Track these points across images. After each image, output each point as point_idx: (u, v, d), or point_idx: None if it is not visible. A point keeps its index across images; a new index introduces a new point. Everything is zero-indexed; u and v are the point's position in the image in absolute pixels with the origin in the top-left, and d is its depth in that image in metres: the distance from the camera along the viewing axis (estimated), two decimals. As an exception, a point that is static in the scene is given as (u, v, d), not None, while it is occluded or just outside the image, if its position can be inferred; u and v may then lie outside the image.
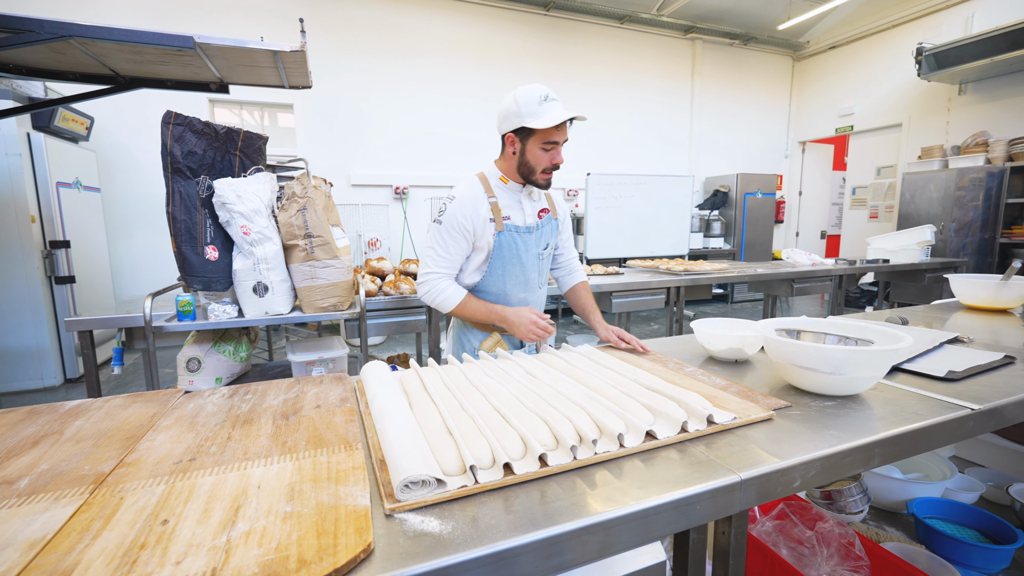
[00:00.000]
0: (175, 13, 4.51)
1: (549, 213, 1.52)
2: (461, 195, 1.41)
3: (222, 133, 1.79)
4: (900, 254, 4.36)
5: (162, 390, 1.07)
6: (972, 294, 1.86)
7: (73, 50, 2.26)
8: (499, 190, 1.44)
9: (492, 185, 1.44)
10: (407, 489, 0.63)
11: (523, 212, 1.45)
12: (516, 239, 1.43)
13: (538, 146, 1.34)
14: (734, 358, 1.23)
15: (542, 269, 1.54)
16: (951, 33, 5.61)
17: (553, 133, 1.32)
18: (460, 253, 1.42)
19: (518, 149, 1.37)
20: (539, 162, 1.36)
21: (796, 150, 7.90)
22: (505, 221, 1.42)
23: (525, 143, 1.35)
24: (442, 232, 1.40)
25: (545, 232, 1.50)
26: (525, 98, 1.29)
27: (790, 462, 0.73)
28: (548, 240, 1.52)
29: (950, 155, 5.59)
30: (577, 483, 0.68)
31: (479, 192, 1.41)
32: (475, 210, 1.39)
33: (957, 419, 0.89)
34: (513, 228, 1.42)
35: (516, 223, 1.44)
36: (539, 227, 1.48)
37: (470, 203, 1.39)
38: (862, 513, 1.42)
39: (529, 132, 1.33)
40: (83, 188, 3.79)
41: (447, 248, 1.40)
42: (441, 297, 1.42)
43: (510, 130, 1.36)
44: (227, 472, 0.69)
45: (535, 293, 1.54)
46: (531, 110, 1.29)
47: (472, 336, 1.54)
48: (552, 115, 1.29)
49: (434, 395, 0.92)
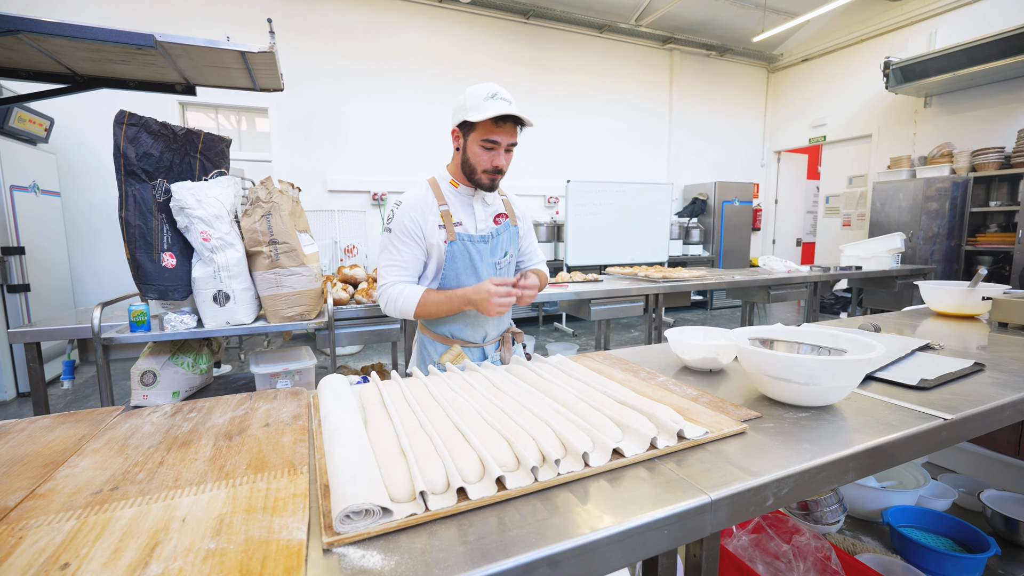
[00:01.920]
0: (149, 15, 4.38)
1: (507, 219, 1.46)
2: (408, 200, 1.36)
3: (180, 135, 1.71)
4: (872, 261, 4.46)
5: (98, 409, 0.98)
6: (941, 300, 1.89)
7: (24, 46, 2.14)
8: (450, 195, 1.39)
9: (443, 190, 1.39)
10: (348, 520, 0.57)
11: (475, 219, 1.40)
12: (469, 248, 1.37)
13: (478, 143, 1.29)
14: (709, 367, 1.20)
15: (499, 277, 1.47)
16: (916, 48, 5.82)
17: (494, 131, 1.27)
18: (414, 258, 1.37)
19: (461, 145, 1.34)
20: (479, 161, 1.31)
21: (772, 159, 8.08)
22: (457, 228, 1.36)
23: (467, 139, 1.31)
24: (392, 239, 1.36)
25: (503, 240, 1.44)
26: (473, 93, 1.26)
27: (763, 479, 0.70)
28: (507, 248, 1.46)
29: (917, 165, 5.77)
30: (538, 508, 0.63)
31: (428, 197, 1.37)
32: (423, 215, 1.35)
33: (931, 429, 0.87)
34: (466, 237, 1.37)
35: (468, 231, 1.38)
36: (496, 235, 1.42)
37: (418, 208, 1.35)
38: (839, 523, 1.41)
39: (471, 127, 1.29)
40: (41, 192, 3.62)
41: (400, 254, 1.36)
42: (400, 301, 1.35)
43: (455, 124, 1.32)
44: (151, 503, 0.63)
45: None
46: (474, 104, 1.25)
47: (433, 349, 1.47)
48: (492, 110, 1.23)
49: (392, 411, 0.86)
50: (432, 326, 1.48)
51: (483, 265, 1.40)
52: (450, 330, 1.46)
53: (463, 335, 1.47)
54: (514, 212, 1.49)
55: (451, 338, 1.46)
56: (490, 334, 1.51)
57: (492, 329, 1.51)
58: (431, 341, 1.48)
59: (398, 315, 1.38)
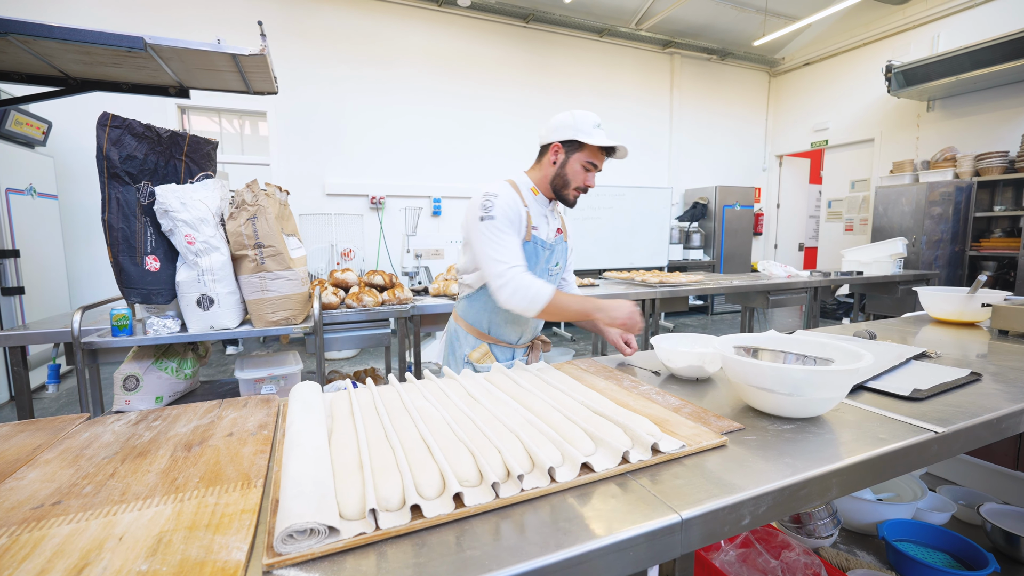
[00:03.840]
0: (146, 19, 4.40)
1: (563, 235, 1.54)
2: (504, 193, 1.36)
3: (165, 137, 1.70)
4: (873, 266, 4.40)
5: (62, 416, 0.96)
6: (940, 307, 1.84)
7: (15, 49, 2.14)
8: (530, 200, 1.43)
9: (524, 194, 1.42)
10: (291, 539, 0.54)
11: (548, 226, 1.47)
12: (538, 251, 1.43)
13: (580, 163, 1.38)
14: (695, 376, 1.16)
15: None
16: (919, 52, 5.77)
17: (598, 155, 1.38)
18: (519, 247, 1.34)
19: (560, 160, 1.39)
20: (576, 178, 1.39)
21: (773, 163, 8.03)
22: (533, 231, 1.42)
23: (570, 156, 1.38)
24: (497, 226, 1.30)
25: (558, 251, 1.51)
26: (583, 117, 1.35)
27: (739, 497, 0.66)
28: (559, 259, 1.52)
29: (920, 170, 5.71)
30: (500, 527, 0.60)
31: (517, 196, 1.39)
32: (518, 209, 1.37)
33: (920, 444, 0.83)
34: (538, 241, 1.43)
35: (541, 236, 1.44)
36: (556, 244, 1.50)
37: (513, 202, 1.36)
38: (832, 537, 1.36)
39: (578, 147, 1.37)
40: (37, 195, 3.62)
41: (512, 241, 1.32)
42: (532, 290, 1.26)
43: (560, 140, 1.37)
44: (91, 519, 0.60)
45: None
46: (586, 129, 1.34)
47: (466, 342, 1.50)
48: (604, 139, 1.35)
49: (359, 421, 0.83)
50: (470, 319, 1.50)
51: (541, 270, 1.46)
52: (490, 326, 1.49)
53: (500, 332, 1.49)
54: (567, 230, 1.58)
55: (487, 334, 1.49)
56: (525, 336, 1.55)
57: (528, 332, 1.56)
58: (465, 334, 1.50)
59: (524, 304, 1.27)
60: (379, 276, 2.53)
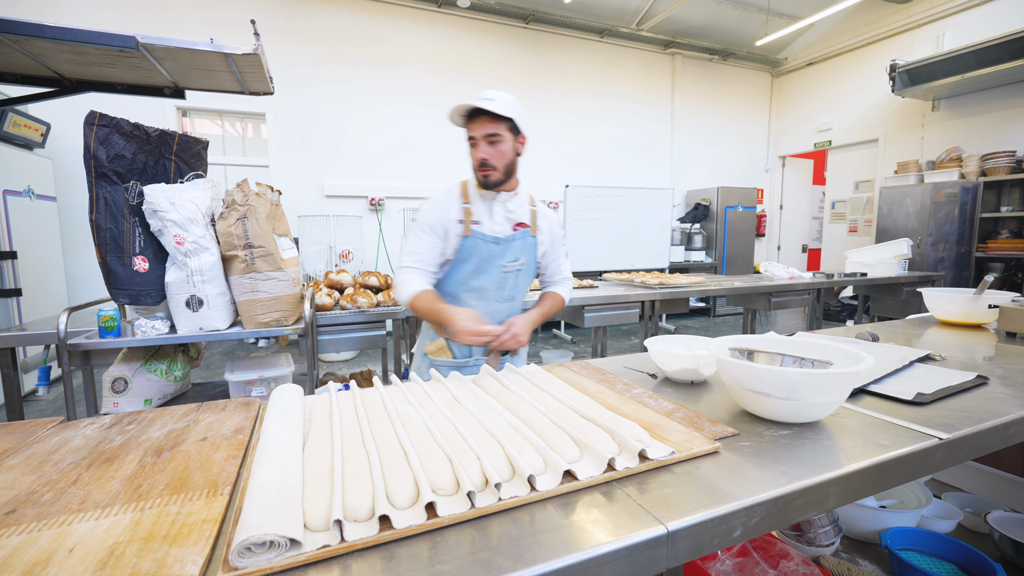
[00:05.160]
0: (145, 20, 4.40)
1: (526, 229, 1.47)
2: (435, 195, 1.45)
3: (154, 136, 1.68)
4: (877, 267, 4.34)
5: (34, 420, 0.93)
6: (945, 308, 1.80)
7: (7, 49, 2.12)
8: (474, 196, 1.45)
9: (470, 191, 1.45)
10: (249, 552, 0.51)
11: (492, 220, 1.44)
12: (480, 246, 1.42)
13: (468, 142, 1.38)
14: (690, 379, 1.12)
15: (505, 283, 1.48)
16: (923, 51, 5.72)
17: (469, 127, 1.36)
18: (431, 248, 1.42)
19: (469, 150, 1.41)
20: (472, 159, 1.39)
21: (776, 164, 7.98)
22: (473, 226, 1.42)
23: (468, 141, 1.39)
24: (415, 229, 1.44)
25: (515, 246, 1.46)
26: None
27: (730, 508, 0.62)
28: (519, 255, 1.47)
29: (925, 170, 5.65)
30: (475, 539, 0.57)
31: (455, 194, 1.44)
32: (446, 209, 1.42)
33: (925, 450, 0.79)
34: (479, 235, 1.41)
35: (484, 230, 1.42)
36: (510, 240, 1.44)
37: (443, 202, 1.43)
38: (833, 545, 1.32)
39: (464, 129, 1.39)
40: (35, 197, 3.62)
41: (418, 244, 1.42)
42: (402, 288, 1.40)
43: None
44: (44, 529, 0.57)
45: (492, 306, 1.48)
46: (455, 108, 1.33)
47: (427, 335, 1.54)
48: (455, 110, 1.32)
49: (336, 426, 0.80)
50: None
51: (490, 266, 1.43)
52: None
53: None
54: (536, 224, 1.50)
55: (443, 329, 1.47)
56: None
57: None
58: (427, 328, 1.56)
59: (400, 301, 1.42)
60: (374, 277, 2.50)
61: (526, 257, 1.48)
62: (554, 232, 1.55)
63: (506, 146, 1.35)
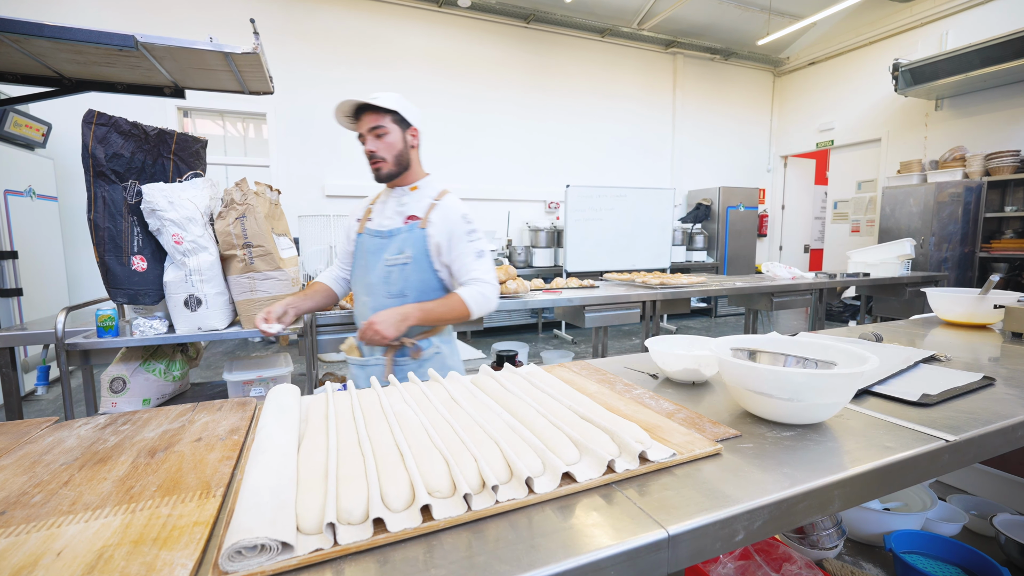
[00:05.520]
0: (146, 20, 4.41)
1: (417, 221, 1.41)
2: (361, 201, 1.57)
3: (152, 135, 1.67)
4: (880, 268, 4.32)
5: (28, 420, 0.92)
6: (950, 309, 1.78)
7: (5, 48, 2.12)
8: (381, 196, 1.52)
9: (382, 193, 1.52)
10: (239, 556, 0.49)
11: (383, 215, 1.47)
12: (367, 242, 1.46)
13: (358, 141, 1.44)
14: (691, 380, 1.11)
15: (390, 278, 1.40)
16: (926, 50, 5.69)
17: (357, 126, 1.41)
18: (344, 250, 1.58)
19: None
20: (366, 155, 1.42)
21: (778, 164, 7.95)
22: (367, 224, 1.47)
23: None
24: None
25: (399, 239, 1.40)
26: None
27: (732, 511, 0.61)
28: (404, 248, 1.39)
29: (928, 169, 5.62)
30: (471, 542, 0.56)
31: (371, 197, 1.52)
32: (355, 211, 1.53)
33: (930, 452, 0.78)
34: (368, 231, 1.46)
35: (375, 226, 1.46)
36: (395, 233, 1.41)
37: (357, 206, 1.55)
38: (837, 548, 1.30)
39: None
40: (36, 197, 3.62)
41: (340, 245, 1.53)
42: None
43: None
44: (33, 532, 0.56)
45: (381, 302, 1.41)
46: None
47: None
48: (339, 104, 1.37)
49: (332, 426, 0.79)
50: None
51: (373, 260, 1.43)
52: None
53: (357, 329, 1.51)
54: (429, 217, 1.41)
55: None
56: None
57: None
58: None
59: None
60: (374, 277, 2.49)
61: (413, 251, 1.39)
62: (452, 225, 1.41)
63: (393, 138, 1.37)
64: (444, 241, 1.41)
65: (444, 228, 1.41)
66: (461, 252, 1.42)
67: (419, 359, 1.45)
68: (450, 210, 1.43)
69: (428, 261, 1.42)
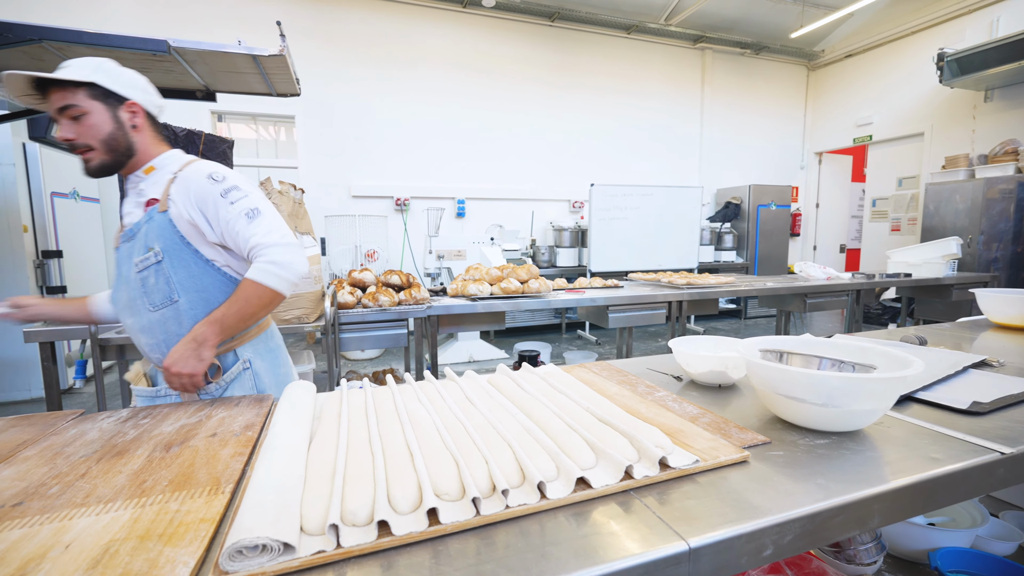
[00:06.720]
0: (176, 26, 4.57)
1: (155, 205, 1.10)
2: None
3: (182, 136, 1.71)
4: (923, 268, 4.10)
5: (55, 412, 0.95)
6: (1002, 311, 1.66)
7: (50, 55, 2.22)
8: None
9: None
10: (240, 556, 0.48)
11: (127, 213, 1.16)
12: (120, 253, 1.15)
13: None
14: (717, 382, 1.06)
15: (148, 285, 1.10)
16: (975, 38, 5.38)
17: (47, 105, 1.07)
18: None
19: None
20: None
21: (812, 161, 7.66)
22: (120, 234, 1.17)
23: None
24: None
25: (143, 233, 1.09)
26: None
27: (760, 524, 0.57)
28: (151, 243, 1.08)
29: (977, 164, 5.31)
30: (479, 549, 0.53)
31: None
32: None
33: (983, 466, 0.71)
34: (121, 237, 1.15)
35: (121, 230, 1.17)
36: (135, 229, 1.11)
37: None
38: (876, 564, 1.22)
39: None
40: (80, 199, 3.79)
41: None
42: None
43: None
44: (45, 523, 0.56)
45: (147, 318, 1.11)
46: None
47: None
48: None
49: (345, 424, 0.78)
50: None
51: (126, 269, 1.12)
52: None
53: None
54: (168, 194, 1.09)
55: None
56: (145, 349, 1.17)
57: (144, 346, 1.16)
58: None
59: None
60: (396, 276, 2.50)
61: (161, 242, 1.08)
62: (199, 192, 1.09)
63: (96, 119, 1.04)
64: (197, 216, 1.09)
65: (189, 200, 1.09)
66: (225, 220, 1.09)
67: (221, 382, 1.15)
68: (191, 175, 1.11)
69: (187, 249, 1.10)
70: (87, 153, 1.06)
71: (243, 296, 1.08)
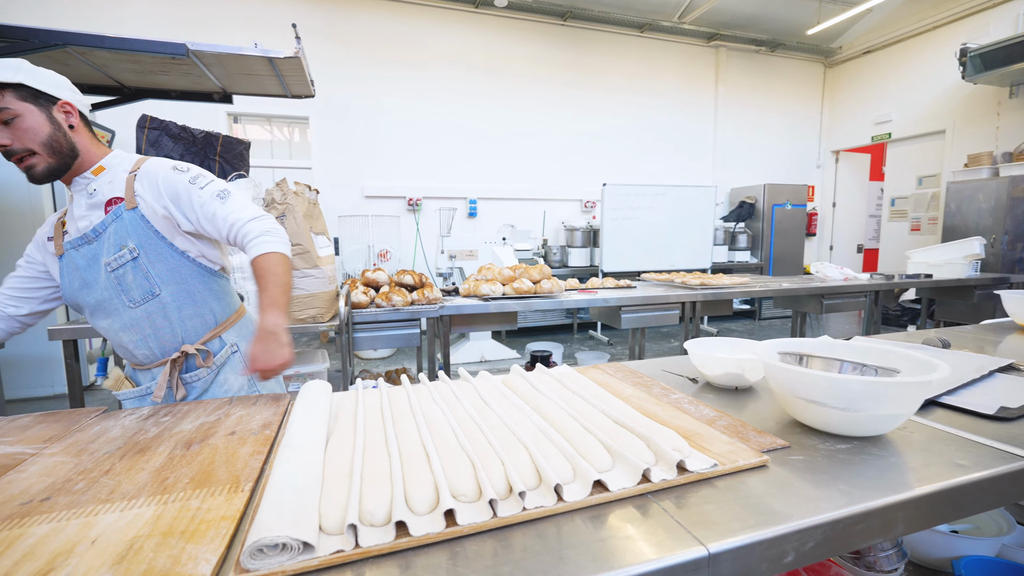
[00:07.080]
0: (193, 27, 4.64)
1: (121, 203, 1.10)
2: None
3: (200, 138, 1.74)
4: (944, 268, 4.01)
5: (80, 409, 0.97)
6: (1029, 313, 1.61)
7: (73, 60, 2.28)
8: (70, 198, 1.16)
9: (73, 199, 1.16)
10: (261, 554, 0.49)
11: (77, 218, 1.13)
12: (74, 258, 1.12)
13: None
14: (734, 385, 1.05)
15: (125, 283, 1.11)
16: (999, 32, 5.24)
17: None
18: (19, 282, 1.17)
19: None
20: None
21: (829, 160, 7.53)
22: (65, 237, 1.13)
23: None
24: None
25: (113, 231, 1.10)
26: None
27: (781, 530, 0.56)
28: (124, 241, 1.10)
29: (1001, 162, 5.17)
30: (496, 550, 0.53)
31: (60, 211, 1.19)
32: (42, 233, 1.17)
33: (1012, 473, 0.69)
34: (70, 245, 1.12)
35: (72, 237, 1.13)
36: (101, 229, 1.10)
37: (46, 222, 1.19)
38: (896, 572, 1.20)
39: None
40: None
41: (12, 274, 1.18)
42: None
43: None
44: (72, 519, 0.57)
45: (128, 316, 1.13)
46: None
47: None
48: None
49: (359, 425, 0.78)
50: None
51: (92, 273, 1.11)
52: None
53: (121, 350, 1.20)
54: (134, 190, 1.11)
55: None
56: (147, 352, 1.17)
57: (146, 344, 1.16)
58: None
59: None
60: (409, 276, 2.51)
61: (136, 238, 1.10)
62: (169, 184, 1.12)
63: (31, 121, 1.00)
64: (171, 208, 1.13)
65: (159, 193, 1.12)
66: (200, 204, 1.13)
67: (212, 366, 1.19)
68: (155, 170, 1.13)
69: (163, 243, 1.13)
70: (29, 159, 1.03)
71: (271, 271, 1.11)
